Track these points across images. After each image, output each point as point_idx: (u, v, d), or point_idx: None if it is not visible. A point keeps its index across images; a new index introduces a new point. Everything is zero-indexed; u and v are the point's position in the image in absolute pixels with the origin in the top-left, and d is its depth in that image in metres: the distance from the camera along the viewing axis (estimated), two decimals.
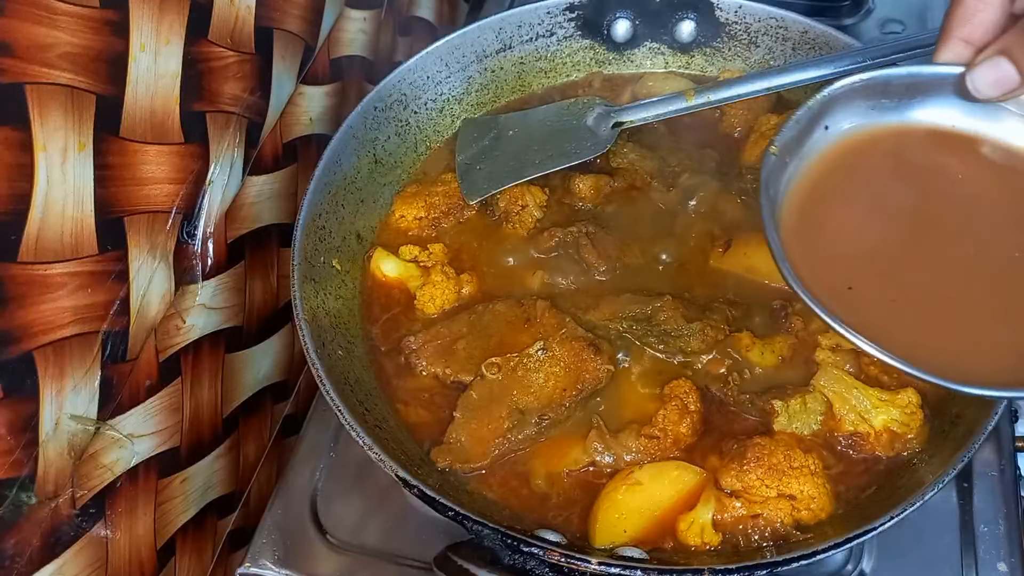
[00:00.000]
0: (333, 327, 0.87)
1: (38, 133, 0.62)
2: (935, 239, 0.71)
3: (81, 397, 0.71)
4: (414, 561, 0.84)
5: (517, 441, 0.81)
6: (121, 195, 0.73)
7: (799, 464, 0.76)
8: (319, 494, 0.89)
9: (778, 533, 0.75)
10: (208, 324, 0.91)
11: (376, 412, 0.83)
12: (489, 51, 1.06)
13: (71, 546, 0.73)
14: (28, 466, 0.66)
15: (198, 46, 0.80)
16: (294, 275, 0.84)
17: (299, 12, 0.98)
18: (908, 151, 0.74)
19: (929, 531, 0.83)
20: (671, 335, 0.86)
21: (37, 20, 0.61)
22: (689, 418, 0.80)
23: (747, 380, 0.84)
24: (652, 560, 0.73)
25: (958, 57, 0.69)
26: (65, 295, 0.68)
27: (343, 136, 0.95)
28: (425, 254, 0.95)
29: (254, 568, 0.85)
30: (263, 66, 0.92)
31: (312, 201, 0.90)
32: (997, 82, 0.66)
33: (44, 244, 0.65)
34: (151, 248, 0.78)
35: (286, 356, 1.10)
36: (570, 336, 0.86)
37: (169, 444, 0.86)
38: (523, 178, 0.96)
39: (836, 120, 0.74)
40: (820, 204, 0.72)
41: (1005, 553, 0.82)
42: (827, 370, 0.82)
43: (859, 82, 0.73)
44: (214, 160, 0.85)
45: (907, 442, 0.79)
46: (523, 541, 0.69)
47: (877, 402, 0.80)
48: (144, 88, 0.73)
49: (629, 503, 0.77)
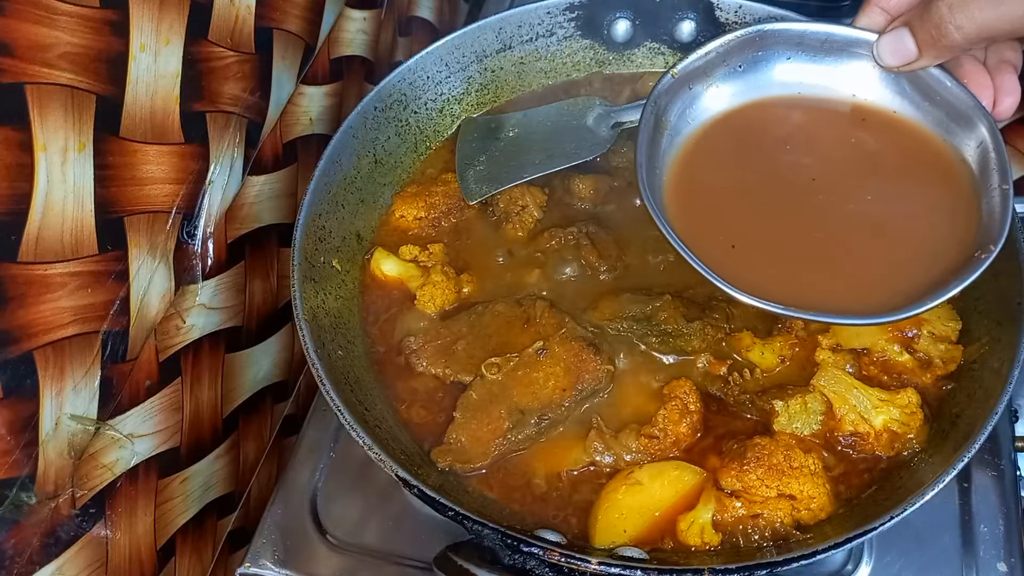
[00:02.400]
0: (333, 327, 0.87)
1: (38, 133, 0.62)
2: (808, 195, 0.75)
3: (81, 397, 0.71)
4: (414, 561, 0.84)
5: (517, 441, 0.81)
6: (121, 195, 0.73)
7: (799, 464, 0.76)
8: (319, 494, 0.89)
9: (778, 533, 0.75)
10: (208, 324, 0.91)
11: (376, 412, 0.83)
12: (489, 51, 1.06)
13: (71, 546, 0.73)
14: (28, 466, 0.66)
15: (198, 46, 0.80)
16: (294, 275, 0.84)
17: (299, 12, 0.98)
18: (792, 114, 0.79)
19: (929, 531, 0.83)
20: (671, 335, 0.86)
21: (37, 20, 0.61)
22: (689, 418, 0.80)
23: (747, 380, 0.84)
24: (652, 560, 0.73)
25: (874, 24, 0.72)
26: (65, 295, 0.68)
27: (343, 136, 0.95)
28: (425, 254, 0.95)
29: (254, 568, 0.85)
30: (263, 66, 0.92)
31: (312, 201, 0.90)
32: (896, 52, 0.68)
33: (44, 244, 0.65)
34: (151, 248, 0.78)
35: (286, 356, 1.10)
36: (570, 336, 0.86)
37: (169, 444, 0.86)
38: (523, 178, 0.96)
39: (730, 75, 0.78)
40: (707, 165, 0.78)
41: (1005, 553, 0.82)
42: (827, 370, 0.82)
43: (777, 30, 0.77)
44: (214, 160, 0.86)
45: (907, 442, 0.80)
46: (523, 541, 0.69)
47: (877, 402, 0.80)
48: (144, 88, 0.73)
49: (629, 503, 0.77)
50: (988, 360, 0.81)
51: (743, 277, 0.68)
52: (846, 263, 0.73)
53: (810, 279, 0.72)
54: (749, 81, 0.80)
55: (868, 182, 0.76)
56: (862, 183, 0.75)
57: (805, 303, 0.68)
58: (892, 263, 0.72)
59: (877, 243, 0.73)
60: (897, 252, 0.73)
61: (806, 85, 0.79)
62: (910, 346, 0.85)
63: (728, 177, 0.78)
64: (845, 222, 0.74)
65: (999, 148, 0.71)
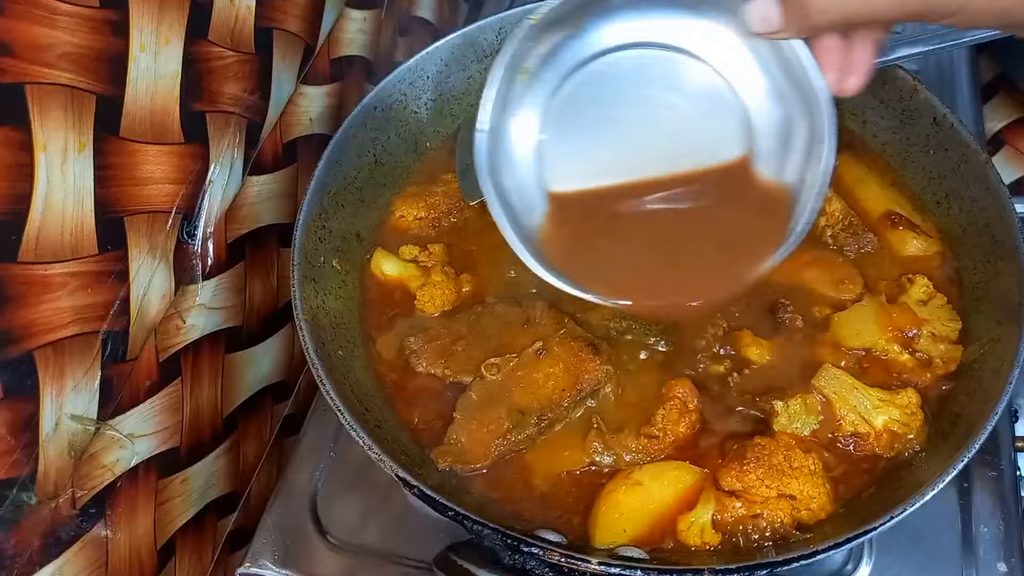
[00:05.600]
0: (333, 327, 0.87)
1: (38, 133, 0.62)
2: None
3: (81, 397, 0.71)
4: (414, 561, 0.85)
5: (517, 441, 0.81)
6: (121, 195, 0.73)
7: (799, 464, 0.76)
8: (319, 494, 0.89)
9: (778, 533, 0.75)
10: (208, 324, 0.91)
11: (376, 412, 0.83)
12: (489, 51, 1.06)
13: (71, 546, 0.73)
14: (28, 466, 0.66)
15: (198, 46, 0.80)
16: (294, 275, 0.84)
17: (299, 12, 0.98)
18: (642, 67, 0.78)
19: (929, 531, 0.83)
20: (671, 334, 0.86)
21: (37, 20, 0.61)
22: (688, 417, 0.80)
23: (747, 380, 0.84)
24: (652, 560, 0.73)
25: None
26: (65, 295, 0.68)
27: (343, 136, 0.95)
28: (425, 254, 0.95)
29: (254, 568, 0.85)
30: (263, 66, 0.92)
31: (312, 201, 0.90)
32: (763, 19, 0.68)
33: (44, 244, 0.65)
34: (151, 248, 0.78)
35: (286, 356, 1.10)
36: (569, 336, 0.86)
37: (169, 444, 0.86)
38: None
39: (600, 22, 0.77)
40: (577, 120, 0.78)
41: (1005, 553, 0.82)
42: (827, 370, 0.82)
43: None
44: (214, 160, 0.86)
45: (907, 442, 0.80)
46: (523, 541, 0.69)
47: (877, 402, 0.80)
48: (144, 88, 0.73)
49: (629, 503, 0.77)
50: (988, 360, 0.81)
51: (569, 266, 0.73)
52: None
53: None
54: (607, 30, 0.78)
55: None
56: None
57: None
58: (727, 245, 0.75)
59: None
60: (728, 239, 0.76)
61: (660, 35, 0.77)
62: (910, 346, 0.85)
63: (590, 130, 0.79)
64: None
65: (832, 130, 0.71)
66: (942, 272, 0.91)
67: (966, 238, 0.91)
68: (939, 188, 0.96)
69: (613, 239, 0.78)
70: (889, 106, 1.00)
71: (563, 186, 0.79)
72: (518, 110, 0.78)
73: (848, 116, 1.04)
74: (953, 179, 0.93)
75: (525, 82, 0.77)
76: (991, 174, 0.88)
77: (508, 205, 0.77)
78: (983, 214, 0.89)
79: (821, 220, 0.93)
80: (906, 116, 0.98)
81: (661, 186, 0.78)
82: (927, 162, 0.97)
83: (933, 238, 0.94)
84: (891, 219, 0.94)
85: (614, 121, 0.78)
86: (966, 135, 0.92)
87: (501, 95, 0.75)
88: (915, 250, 0.93)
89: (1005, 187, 0.87)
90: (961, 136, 0.92)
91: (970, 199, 0.91)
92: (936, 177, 0.96)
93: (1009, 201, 0.86)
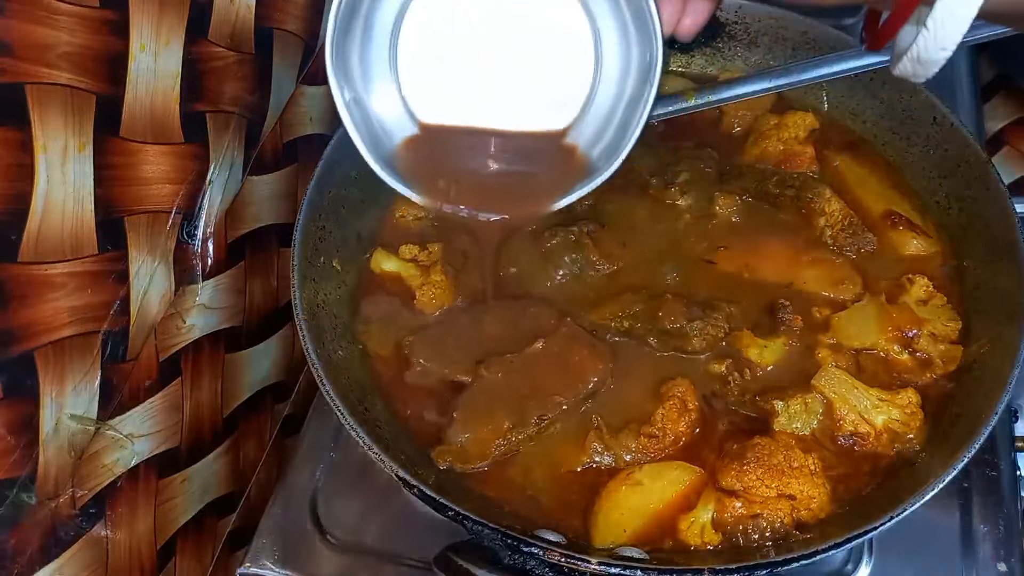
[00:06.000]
0: (333, 327, 0.87)
1: (38, 133, 0.62)
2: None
3: (81, 397, 0.71)
4: (414, 561, 0.85)
5: (517, 441, 0.81)
6: (121, 195, 0.73)
7: (799, 464, 0.76)
8: (319, 494, 0.89)
9: (778, 533, 0.75)
10: (208, 324, 0.91)
11: (376, 412, 0.83)
12: None
13: (71, 546, 0.73)
14: (28, 466, 0.66)
15: (198, 46, 0.80)
16: (294, 275, 0.84)
17: (299, 12, 0.98)
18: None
19: (929, 531, 0.83)
20: (671, 334, 0.86)
21: (37, 20, 0.61)
22: (687, 417, 0.80)
23: (747, 379, 0.84)
24: (652, 560, 0.73)
25: None
26: (65, 295, 0.68)
27: (343, 136, 0.94)
28: (425, 253, 0.95)
29: (254, 568, 0.85)
30: (263, 66, 0.92)
31: (312, 201, 0.89)
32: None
33: (44, 244, 0.65)
34: (151, 248, 0.78)
35: (286, 356, 1.10)
36: (570, 336, 0.86)
37: (169, 444, 0.86)
38: None
39: None
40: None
41: (1005, 553, 0.82)
42: (827, 370, 0.82)
43: None
44: (214, 160, 0.86)
45: (907, 442, 0.80)
46: (523, 541, 0.69)
47: (877, 402, 0.80)
48: (144, 88, 0.73)
49: (629, 503, 0.77)
50: (988, 360, 0.81)
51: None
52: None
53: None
54: None
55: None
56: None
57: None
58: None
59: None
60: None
61: None
62: (910, 346, 0.85)
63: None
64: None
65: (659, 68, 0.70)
66: (942, 272, 0.91)
67: (966, 238, 0.92)
68: (939, 188, 0.96)
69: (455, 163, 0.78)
70: (889, 106, 1.00)
71: (429, 119, 0.78)
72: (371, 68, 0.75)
73: (848, 116, 1.05)
74: (953, 179, 0.94)
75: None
76: (991, 174, 0.88)
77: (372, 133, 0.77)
78: (983, 214, 0.89)
79: (821, 220, 0.93)
80: (906, 116, 0.98)
81: (494, 135, 0.78)
82: (927, 162, 0.97)
83: (933, 238, 0.94)
84: (891, 219, 0.94)
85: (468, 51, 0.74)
86: (966, 135, 0.92)
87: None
88: (915, 250, 0.93)
89: (1005, 187, 0.87)
90: (961, 136, 0.92)
91: (970, 199, 0.91)
92: (936, 177, 0.96)
93: (1009, 201, 0.86)
